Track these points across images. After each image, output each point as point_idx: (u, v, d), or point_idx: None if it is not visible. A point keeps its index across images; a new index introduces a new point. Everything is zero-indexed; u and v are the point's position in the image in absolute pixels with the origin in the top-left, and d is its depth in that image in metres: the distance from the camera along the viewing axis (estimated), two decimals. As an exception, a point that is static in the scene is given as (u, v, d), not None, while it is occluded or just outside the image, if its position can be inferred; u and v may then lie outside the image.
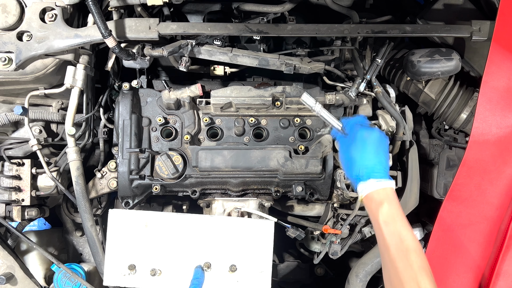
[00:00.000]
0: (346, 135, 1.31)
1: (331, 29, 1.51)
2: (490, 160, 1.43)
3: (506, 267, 1.36)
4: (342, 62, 1.81)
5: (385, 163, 1.24)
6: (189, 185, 1.63)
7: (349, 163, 1.26)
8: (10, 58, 1.41)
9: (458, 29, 1.51)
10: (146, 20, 1.48)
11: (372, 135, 1.25)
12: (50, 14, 1.44)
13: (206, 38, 1.55)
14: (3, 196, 1.64)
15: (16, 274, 1.63)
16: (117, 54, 1.45)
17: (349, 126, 1.32)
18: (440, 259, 1.46)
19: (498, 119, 1.43)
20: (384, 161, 1.24)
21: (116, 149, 1.64)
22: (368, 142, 1.24)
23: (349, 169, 1.26)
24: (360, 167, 1.22)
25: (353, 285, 1.74)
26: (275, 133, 1.65)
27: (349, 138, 1.29)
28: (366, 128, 1.28)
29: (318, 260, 1.87)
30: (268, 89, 1.60)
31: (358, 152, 1.24)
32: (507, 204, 1.42)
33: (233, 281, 1.45)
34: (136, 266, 1.44)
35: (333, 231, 1.75)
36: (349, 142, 1.28)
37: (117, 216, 1.47)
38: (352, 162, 1.24)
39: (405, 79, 1.76)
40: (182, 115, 1.64)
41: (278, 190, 1.65)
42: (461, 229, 1.45)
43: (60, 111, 1.73)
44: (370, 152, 1.23)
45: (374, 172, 1.20)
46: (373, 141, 1.24)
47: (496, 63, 1.44)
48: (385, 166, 1.23)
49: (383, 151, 1.25)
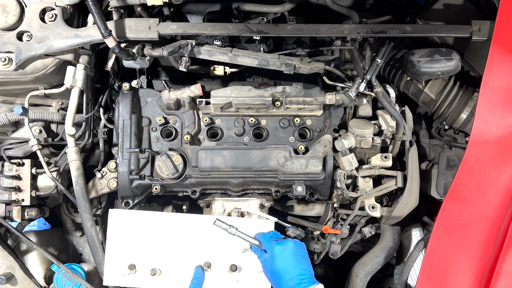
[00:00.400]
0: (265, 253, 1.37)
1: (331, 29, 1.51)
2: (490, 160, 1.43)
3: (506, 267, 1.36)
4: (342, 62, 1.81)
5: (309, 269, 1.31)
6: (189, 185, 1.63)
7: (276, 279, 1.30)
8: (10, 58, 1.41)
9: (458, 29, 1.51)
10: (146, 20, 1.48)
11: (287, 247, 1.32)
12: (50, 14, 1.44)
13: (206, 38, 1.55)
14: (3, 196, 1.64)
15: (16, 274, 1.63)
16: (117, 54, 1.45)
17: (264, 243, 1.38)
18: (440, 259, 1.45)
19: (498, 119, 1.43)
20: (307, 267, 1.31)
21: (116, 149, 1.64)
22: (286, 254, 1.31)
23: (279, 285, 1.30)
24: (288, 280, 1.26)
25: (353, 285, 1.74)
26: (275, 133, 1.65)
27: (269, 255, 1.35)
28: (280, 242, 1.34)
29: (318, 260, 1.87)
30: (268, 89, 1.60)
31: (281, 267, 1.30)
32: (507, 204, 1.42)
33: (233, 281, 1.45)
34: (136, 266, 1.44)
35: (333, 231, 1.75)
36: (270, 259, 1.34)
37: (117, 216, 1.47)
38: (279, 277, 1.29)
39: (405, 79, 1.76)
40: (182, 115, 1.64)
41: (278, 190, 1.65)
42: (461, 229, 1.45)
43: (60, 111, 1.73)
44: (291, 264, 1.29)
45: (302, 281, 1.25)
46: (290, 252, 1.31)
47: (496, 63, 1.44)
48: (310, 272, 1.30)
49: (303, 258, 1.33)
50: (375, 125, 1.65)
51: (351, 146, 1.61)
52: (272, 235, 1.42)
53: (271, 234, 1.43)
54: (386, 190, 1.64)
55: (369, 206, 1.63)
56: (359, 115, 1.72)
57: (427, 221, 1.77)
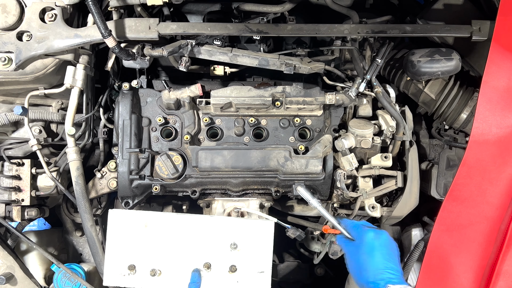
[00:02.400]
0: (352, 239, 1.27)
1: (331, 29, 1.51)
2: (490, 160, 1.43)
3: (506, 267, 1.36)
4: (342, 62, 1.81)
5: (399, 266, 1.19)
6: (189, 185, 1.63)
7: (363, 268, 1.19)
8: (10, 58, 1.41)
9: (458, 29, 1.51)
10: (146, 20, 1.48)
11: (382, 237, 1.22)
12: (50, 14, 1.44)
13: (206, 38, 1.55)
14: (3, 196, 1.64)
15: (16, 274, 1.63)
16: (117, 54, 1.44)
17: (353, 230, 1.28)
18: (440, 259, 1.45)
19: (498, 119, 1.43)
20: (398, 265, 1.19)
21: (116, 149, 1.64)
22: (380, 244, 1.20)
23: (362, 276, 1.18)
24: (376, 272, 1.16)
25: (353, 285, 1.74)
26: (275, 133, 1.65)
27: (358, 242, 1.25)
28: (375, 230, 1.24)
29: (318, 260, 1.86)
30: (268, 89, 1.60)
31: (372, 256, 1.18)
32: (507, 204, 1.42)
33: (233, 281, 1.45)
34: (136, 266, 1.44)
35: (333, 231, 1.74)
36: (358, 246, 1.23)
37: (117, 216, 1.47)
38: (365, 267, 1.18)
39: (405, 79, 1.76)
40: (182, 115, 1.64)
41: (278, 190, 1.65)
42: (461, 229, 1.45)
43: (60, 111, 1.73)
44: (384, 256, 1.18)
45: (391, 278, 1.14)
46: (385, 243, 1.21)
47: (496, 63, 1.44)
48: (400, 270, 1.18)
49: (396, 256, 1.21)
50: (375, 125, 1.65)
51: (351, 146, 1.61)
52: (363, 223, 1.30)
53: (362, 222, 1.31)
54: (386, 190, 1.64)
55: (369, 206, 1.63)
56: (359, 115, 1.71)
57: (427, 221, 1.76)
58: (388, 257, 1.18)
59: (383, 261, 1.17)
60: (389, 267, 1.16)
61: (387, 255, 1.18)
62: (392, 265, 1.17)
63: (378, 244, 1.20)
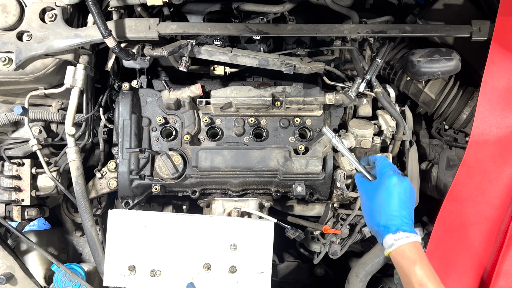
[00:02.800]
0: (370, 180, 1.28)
1: (331, 29, 1.51)
2: (490, 160, 1.43)
3: (506, 267, 1.36)
4: (342, 62, 1.81)
5: (412, 216, 1.19)
6: (189, 185, 1.63)
7: (376, 211, 1.20)
8: (10, 58, 1.41)
9: (458, 29, 1.51)
10: (146, 20, 1.48)
11: (404, 184, 1.21)
12: (50, 14, 1.44)
13: (206, 38, 1.55)
14: (3, 196, 1.64)
15: (16, 274, 1.63)
16: (117, 54, 1.45)
17: (379, 168, 1.27)
18: (440, 259, 1.45)
19: (498, 119, 1.43)
20: (412, 215, 1.20)
21: (116, 149, 1.64)
22: (400, 191, 1.19)
23: (374, 218, 1.20)
24: (389, 216, 1.16)
25: (353, 285, 1.74)
26: (275, 133, 1.65)
27: (377, 183, 1.24)
28: (399, 176, 1.23)
29: (318, 260, 1.86)
30: (268, 89, 1.60)
31: (389, 200, 1.18)
32: (507, 204, 1.42)
33: (233, 282, 1.45)
34: (136, 267, 1.44)
35: (333, 231, 1.75)
36: (376, 188, 1.23)
37: (117, 216, 1.47)
38: (379, 210, 1.19)
39: (405, 79, 1.76)
40: (182, 115, 1.64)
41: (278, 190, 1.65)
42: (461, 229, 1.45)
43: (60, 111, 1.73)
44: (401, 202, 1.18)
45: (403, 224, 1.15)
46: (404, 190, 1.20)
47: (496, 63, 1.44)
48: (412, 220, 1.19)
49: (412, 204, 1.21)
50: (375, 125, 1.65)
51: (351, 146, 1.61)
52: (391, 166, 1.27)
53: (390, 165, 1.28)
54: (386, 190, 1.64)
55: (369, 206, 1.63)
56: (359, 115, 1.71)
57: (427, 221, 1.77)
58: (405, 205, 1.18)
59: (398, 208, 1.17)
60: (403, 215, 1.17)
61: (404, 203, 1.18)
62: (406, 214, 1.17)
63: (397, 190, 1.19)
